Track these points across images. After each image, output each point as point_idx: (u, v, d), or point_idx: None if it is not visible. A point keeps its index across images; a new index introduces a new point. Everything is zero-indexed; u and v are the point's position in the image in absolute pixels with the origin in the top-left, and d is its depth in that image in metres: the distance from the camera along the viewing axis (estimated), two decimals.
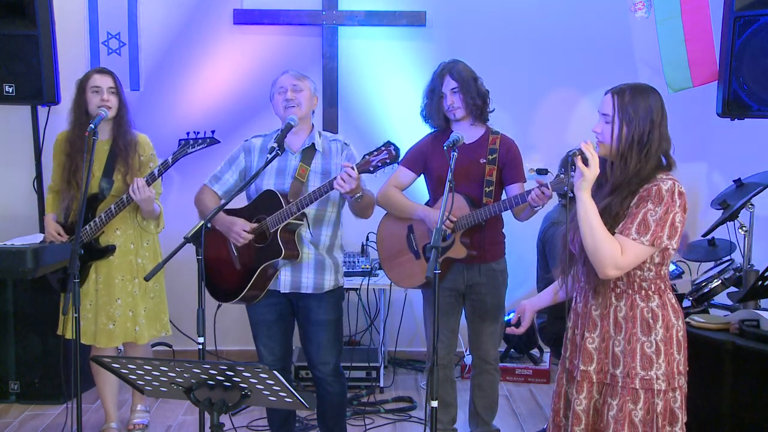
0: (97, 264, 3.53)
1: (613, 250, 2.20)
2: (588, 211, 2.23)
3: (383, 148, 2.81)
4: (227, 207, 3.12)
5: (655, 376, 2.25)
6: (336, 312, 3.20)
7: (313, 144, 3.15)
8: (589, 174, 2.23)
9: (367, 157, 2.83)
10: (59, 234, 3.54)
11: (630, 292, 2.30)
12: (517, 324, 2.64)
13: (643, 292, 2.30)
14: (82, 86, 3.49)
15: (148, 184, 3.36)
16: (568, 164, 2.33)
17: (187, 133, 3.26)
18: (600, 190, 2.33)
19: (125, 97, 3.55)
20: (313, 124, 3.23)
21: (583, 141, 2.28)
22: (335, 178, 2.86)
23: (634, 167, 2.25)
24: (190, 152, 3.26)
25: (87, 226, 3.45)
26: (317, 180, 3.09)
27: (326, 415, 3.30)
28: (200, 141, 3.23)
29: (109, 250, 3.53)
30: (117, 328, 3.52)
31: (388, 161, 2.80)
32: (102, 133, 3.49)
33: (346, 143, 3.22)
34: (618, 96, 2.30)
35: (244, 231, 3.04)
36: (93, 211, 3.49)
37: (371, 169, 2.82)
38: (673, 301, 2.34)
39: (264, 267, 3.05)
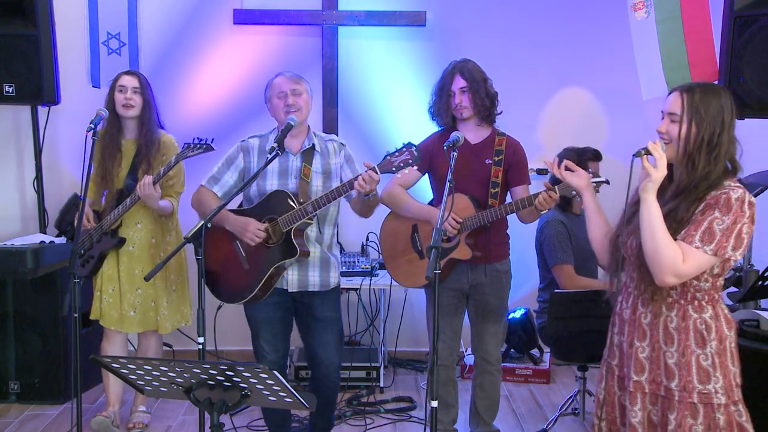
0: (119, 253, 3.66)
1: (675, 257, 2.11)
2: (652, 213, 2.13)
3: (404, 149, 2.83)
4: (229, 208, 3.15)
5: (713, 390, 2.17)
6: (338, 309, 3.27)
7: (313, 145, 3.17)
8: (656, 175, 2.13)
9: (388, 157, 2.85)
10: (88, 220, 3.66)
11: (682, 302, 2.22)
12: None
13: (696, 302, 2.21)
14: (112, 86, 3.65)
15: (155, 183, 3.45)
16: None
17: (193, 139, 3.31)
18: (662, 193, 2.21)
19: (152, 97, 3.70)
20: (308, 125, 3.25)
21: (650, 140, 2.18)
22: (356, 178, 2.88)
23: (702, 170, 2.15)
24: (190, 156, 3.34)
25: (108, 216, 3.60)
26: (319, 179, 3.14)
27: (322, 406, 3.28)
28: (197, 146, 3.29)
29: (120, 242, 3.65)
30: (138, 315, 3.68)
31: (410, 162, 2.82)
32: (129, 132, 3.68)
33: (342, 143, 3.26)
34: (688, 94, 2.18)
35: (260, 231, 3.04)
36: (118, 205, 3.61)
37: (393, 169, 2.85)
38: (726, 311, 2.25)
39: (276, 267, 3.06)
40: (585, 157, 3.82)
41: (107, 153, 3.61)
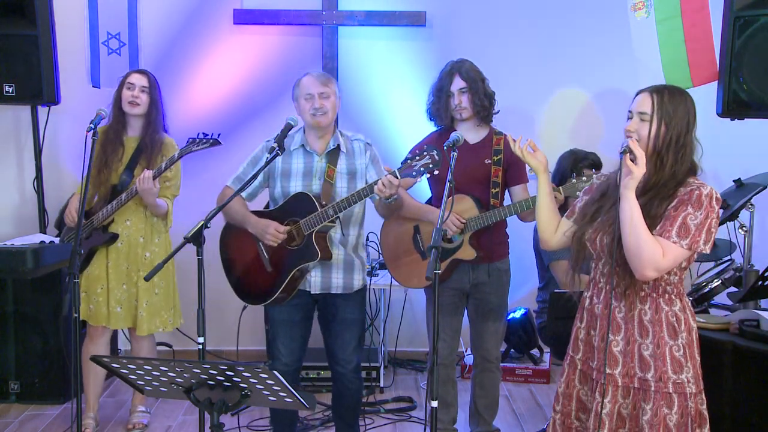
0: (108, 249, 3.64)
1: (655, 252, 2.18)
2: (633, 210, 2.20)
3: (426, 153, 2.79)
4: (254, 209, 3.18)
5: (686, 380, 2.26)
6: (362, 311, 3.23)
7: (339, 146, 3.14)
8: (637, 172, 2.20)
9: (408, 161, 2.82)
10: (72, 215, 3.66)
11: (654, 295, 2.30)
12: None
13: (667, 296, 2.30)
14: (121, 82, 3.66)
15: (154, 177, 3.45)
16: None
17: (198, 134, 3.31)
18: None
19: (160, 98, 3.71)
20: (335, 125, 3.23)
21: (629, 139, 2.26)
22: (376, 182, 2.86)
23: (670, 168, 2.25)
24: (195, 150, 3.33)
25: (100, 212, 3.60)
26: (343, 180, 3.11)
27: (343, 411, 3.32)
28: (204, 141, 3.30)
29: (112, 237, 3.64)
30: (124, 311, 3.66)
31: (431, 166, 2.78)
32: (132, 130, 3.68)
33: (368, 143, 3.23)
34: (657, 95, 2.27)
35: (280, 233, 3.03)
36: (111, 202, 3.60)
37: (414, 173, 2.81)
38: (689, 304, 2.35)
39: (298, 269, 3.04)
40: (582, 163, 3.79)
41: (109, 147, 3.60)
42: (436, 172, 2.83)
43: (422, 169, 2.79)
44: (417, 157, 2.80)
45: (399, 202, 3.05)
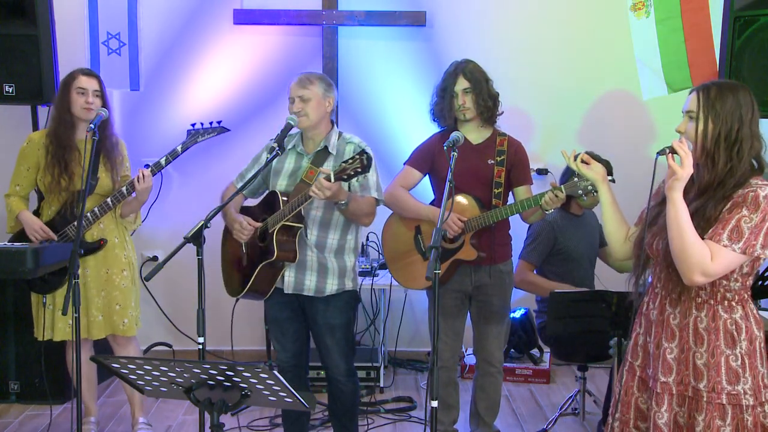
0: (85, 259, 3.53)
1: (703, 256, 2.08)
2: (679, 212, 2.10)
3: (357, 156, 2.76)
4: (244, 205, 3.23)
5: (742, 391, 2.16)
6: (343, 316, 3.17)
7: (326, 147, 3.13)
8: (682, 173, 2.09)
9: (343, 164, 2.79)
10: (43, 230, 3.51)
11: (712, 302, 2.20)
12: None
13: (726, 302, 2.20)
14: (67, 86, 3.50)
15: (153, 174, 3.42)
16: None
17: (192, 125, 3.29)
18: (685, 194, 2.17)
19: (108, 100, 3.59)
20: (332, 123, 3.22)
21: (675, 139, 2.17)
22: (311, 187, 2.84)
23: (723, 167, 2.14)
24: (200, 141, 3.30)
25: (76, 222, 3.46)
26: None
27: (339, 413, 3.32)
28: (210, 130, 3.27)
29: (103, 243, 3.55)
30: (105, 319, 3.56)
31: (359, 170, 2.75)
32: (82, 132, 3.51)
33: (360, 146, 3.15)
34: (703, 92, 2.18)
35: (245, 229, 3.06)
36: (77, 207, 3.48)
37: (345, 177, 2.77)
38: (756, 311, 2.24)
39: (262, 266, 3.05)
40: None
41: (66, 153, 3.46)
42: (362, 177, 2.82)
43: (352, 173, 2.76)
44: (350, 161, 2.77)
45: (357, 206, 3.01)
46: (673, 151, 2.14)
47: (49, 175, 3.49)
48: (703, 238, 2.13)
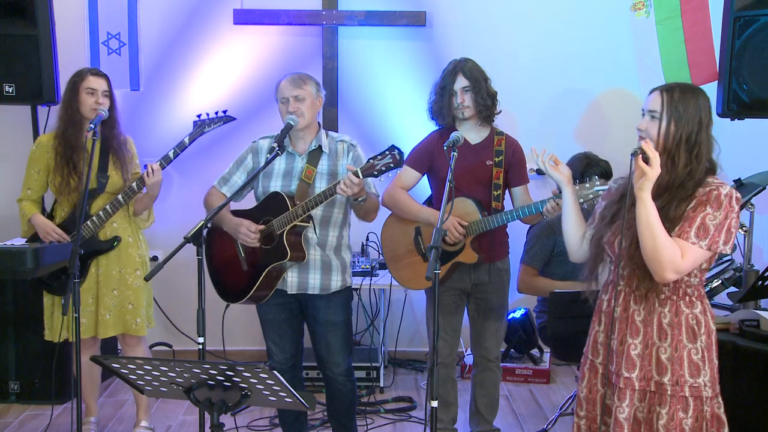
0: (97, 257, 3.53)
1: (674, 254, 2.16)
2: (650, 213, 2.17)
3: (387, 152, 2.79)
4: (235, 208, 3.17)
5: (702, 383, 2.24)
6: (345, 313, 3.19)
7: (320, 146, 3.14)
8: (651, 173, 2.16)
9: (371, 161, 2.81)
10: (56, 232, 3.52)
11: (675, 298, 2.27)
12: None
13: (687, 298, 2.28)
14: (75, 86, 3.49)
15: (163, 167, 3.40)
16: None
17: (198, 115, 3.29)
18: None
19: (116, 98, 3.59)
20: (319, 124, 3.22)
21: (642, 140, 2.23)
22: (338, 182, 2.85)
23: (683, 168, 2.21)
24: (207, 131, 3.29)
25: (89, 221, 3.47)
26: (323, 181, 3.09)
27: (337, 413, 3.32)
28: (216, 120, 3.26)
29: (116, 241, 3.54)
30: (112, 317, 3.54)
31: (392, 165, 2.78)
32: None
33: (352, 144, 3.20)
34: (667, 93, 2.25)
35: (252, 232, 3.04)
36: (90, 207, 3.50)
37: (375, 173, 2.80)
38: (710, 306, 2.32)
39: (271, 268, 3.04)
40: (593, 169, 3.80)
41: (74, 153, 3.46)
42: (398, 170, 2.86)
43: (383, 168, 2.78)
44: (379, 156, 2.79)
45: (370, 202, 3.04)
46: (642, 151, 2.19)
47: (59, 176, 3.49)
48: (670, 236, 2.19)
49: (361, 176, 2.81)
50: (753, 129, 4.06)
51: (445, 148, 2.80)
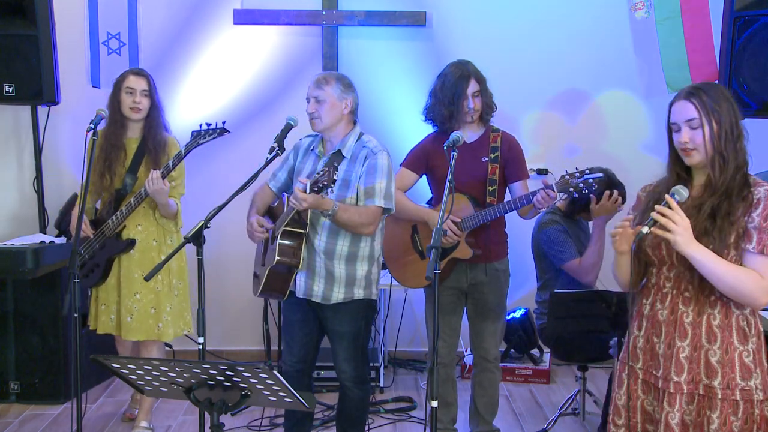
0: (120, 258, 3.56)
1: (754, 281, 2.11)
2: (707, 263, 2.11)
3: (326, 169, 2.72)
4: (273, 205, 3.22)
5: (754, 386, 2.18)
6: (352, 324, 3.08)
7: (340, 150, 3.04)
8: (681, 228, 2.09)
9: (317, 175, 2.74)
10: (87, 226, 3.55)
11: (725, 299, 2.19)
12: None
13: None
14: (117, 86, 3.55)
15: (163, 177, 3.39)
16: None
17: (200, 125, 3.29)
18: (701, 206, 2.19)
19: (158, 99, 3.62)
20: (354, 125, 3.11)
21: (653, 211, 2.12)
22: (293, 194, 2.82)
23: (732, 162, 2.19)
24: (202, 143, 3.29)
25: (109, 221, 3.51)
26: (336, 186, 2.93)
27: (343, 417, 3.28)
28: (211, 132, 3.26)
29: (130, 244, 3.55)
30: (134, 322, 3.54)
31: (326, 184, 2.70)
32: (132, 131, 3.59)
33: (373, 151, 3.02)
34: (695, 97, 2.21)
35: (256, 230, 3.06)
36: (117, 206, 3.54)
37: (316, 189, 2.73)
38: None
39: (270, 269, 3.00)
40: (608, 189, 3.63)
41: (111, 151, 3.52)
42: (330, 190, 2.77)
43: (322, 185, 2.71)
44: (321, 172, 2.73)
45: (347, 216, 2.91)
46: (655, 222, 2.12)
47: (96, 173, 3.51)
48: (721, 235, 2.13)
49: (308, 190, 2.72)
50: (753, 129, 4.01)
51: (445, 147, 2.80)
